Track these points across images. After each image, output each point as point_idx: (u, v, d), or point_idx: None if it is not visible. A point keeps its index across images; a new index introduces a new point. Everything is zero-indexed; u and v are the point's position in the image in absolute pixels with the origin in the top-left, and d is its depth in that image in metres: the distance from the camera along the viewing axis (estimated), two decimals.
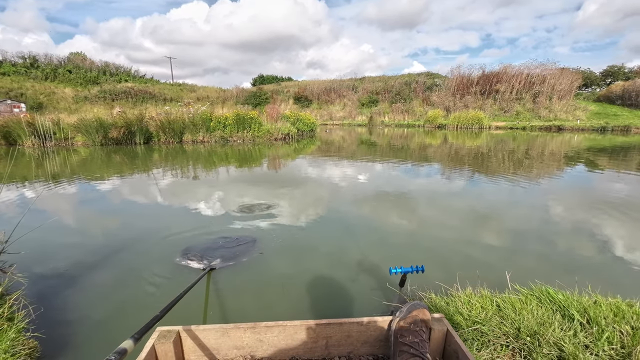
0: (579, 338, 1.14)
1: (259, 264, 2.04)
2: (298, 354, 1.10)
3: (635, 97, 21.17)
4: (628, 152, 8.56)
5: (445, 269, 1.95)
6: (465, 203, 3.44)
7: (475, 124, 19.17)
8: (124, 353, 0.77)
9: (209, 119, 10.67)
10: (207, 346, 1.07)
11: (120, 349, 0.77)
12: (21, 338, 1.26)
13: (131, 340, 0.82)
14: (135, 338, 0.84)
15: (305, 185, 4.38)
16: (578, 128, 17.94)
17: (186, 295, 1.22)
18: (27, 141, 9.40)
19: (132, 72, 35.60)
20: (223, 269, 1.96)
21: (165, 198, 3.61)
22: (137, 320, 1.51)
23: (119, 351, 0.76)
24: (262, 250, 2.22)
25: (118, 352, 0.76)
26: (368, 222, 2.85)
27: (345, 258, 2.12)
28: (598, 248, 2.31)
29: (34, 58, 30.59)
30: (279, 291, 1.74)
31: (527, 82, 22.39)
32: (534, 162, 6.57)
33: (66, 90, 26.98)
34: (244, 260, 2.08)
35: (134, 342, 0.83)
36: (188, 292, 1.31)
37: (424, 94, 26.58)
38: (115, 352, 0.75)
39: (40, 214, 3.10)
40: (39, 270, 1.96)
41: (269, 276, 1.89)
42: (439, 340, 1.08)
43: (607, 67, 30.07)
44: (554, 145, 10.39)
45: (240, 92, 31.89)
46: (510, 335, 1.18)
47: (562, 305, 1.31)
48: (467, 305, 1.35)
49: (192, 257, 2.08)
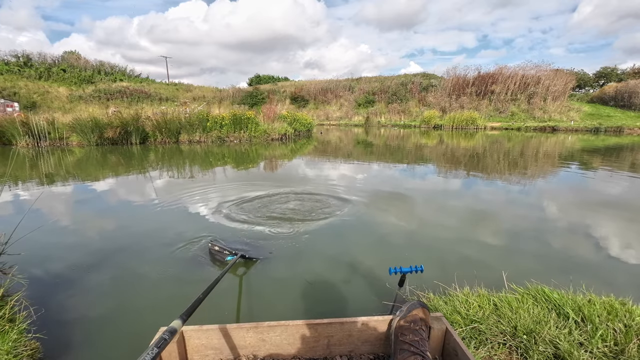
0: (574, 336, 1.17)
1: (269, 263, 2.05)
2: (300, 353, 1.12)
3: (627, 98, 21.46)
4: (621, 152, 8.68)
5: (444, 269, 1.98)
6: (462, 203, 3.48)
7: (471, 124, 19.31)
8: (174, 332, 0.80)
9: (206, 119, 10.65)
10: (210, 346, 1.08)
11: (171, 328, 0.80)
12: (23, 339, 1.27)
13: (179, 320, 0.86)
14: (183, 319, 0.88)
15: (303, 186, 4.39)
16: (572, 129, 18.14)
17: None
18: (21, 141, 9.30)
19: (127, 71, 35.35)
20: (243, 267, 1.99)
21: (163, 199, 3.61)
22: (138, 320, 1.52)
23: (171, 330, 0.79)
24: (272, 250, 2.25)
25: (170, 331, 0.79)
26: (367, 222, 2.88)
27: (345, 259, 2.14)
28: (592, 247, 2.36)
29: (27, 57, 30.26)
30: (281, 291, 1.76)
31: (522, 83, 22.59)
32: (529, 162, 6.64)
33: (60, 90, 26.72)
34: (273, 260, 2.10)
35: (182, 322, 0.86)
36: (221, 280, 1.34)
37: (420, 95, 26.70)
38: (167, 332, 0.78)
39: (39, 215, 3.08)
40: (39, 271, 1.96)
41: (270, 277, 1.91)
42: (438, 339, 1.11)
43: (601, 69, 30.40)
44: (549, 145, 10.50)
45: (236, 91, 31.80)
46: (507, 334, 1.21)
47: (558, 304, 1.34)
48: (465, 305, 1.37)
49: (216, 247, 2.13)
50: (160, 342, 0.74)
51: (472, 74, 24.70)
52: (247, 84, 43.51)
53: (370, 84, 30.83)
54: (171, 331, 0.79)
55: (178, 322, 0.85)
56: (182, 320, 0.87)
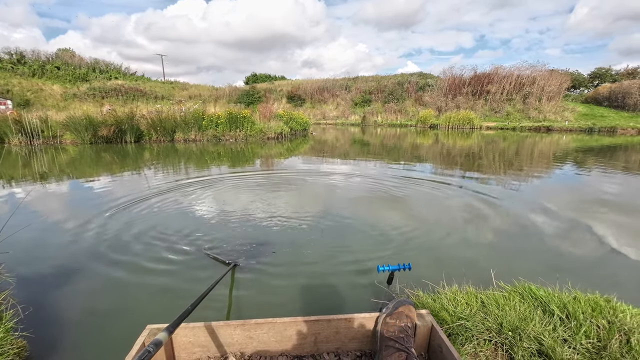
0: (558, 332, 1.19)
1: (261, 262, 2.05)
2: (287, 350, 1.13)
3: (621, 98, 21.63)
4: (614, 152, 8.77)
5: (433, 267, 1.99)
6: (453, 202, 3.50)
7: (467, 124, 19.39)
8: (159, 344, 0.80)
9: (201, 117, 10.60)
10: (198, 343, 1.08)
11: (157, 340, 0.80)
12: (9, 337, 1.26)
13: (165, 333, 0.85)
14: (170, 330, 0.87)
15: (296, 184, 4.40)
16: (566, 129, 18.28)
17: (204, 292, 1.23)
18: (13, 139, 9.20)
19: (122, 69, 35.02)
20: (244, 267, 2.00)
21: (156, 198, 3.59)
22: (127, 320, 1.52)
23: (155, 342, 0.79)
24: (275, 249, 2.25)
25: (155, 343, 0.79)
26: (357, 221, 2.88)
27: (334, 256, 2.15)
28: (579, 246, 2.39)
29: (21, 54, 29.83)
30: (270, 289, 1.76)
31: (517, 83, 22.70)
32: (522, 162, 6.69)
33: (54, 87, 26.42)
34: (262, 259, 2.10)
35: (167, 334, 0.85)
36: (214, 288, 1.33)
37: (417, 94, 26.76)
38: (152, 344, 0.78)
39: (28, 213, 3.05)
40: (27, 270, 1.94)
41: (260, 275, 1.91)
42: (424, 335, 1.12)
43: (595, 69, 30.59)
44: (543, 145, 10.59)
45: (233, 90, 31.63)
46: (493, 330, 1.22)
47: (543, 301, 1.35)
48: (452, 302, 1.38)
49: (216, 253, 2.13)
50: (144, 355, 0.73)
51: (468, 74, 24.79)
52: (244, 82, 43.36)
53: (367, 84, 30.83)
54: (156, 343, 0.79)
55: (164, 335, 0.84)
56: (169, 332, 0.86)
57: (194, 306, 1.05)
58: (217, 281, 1.43)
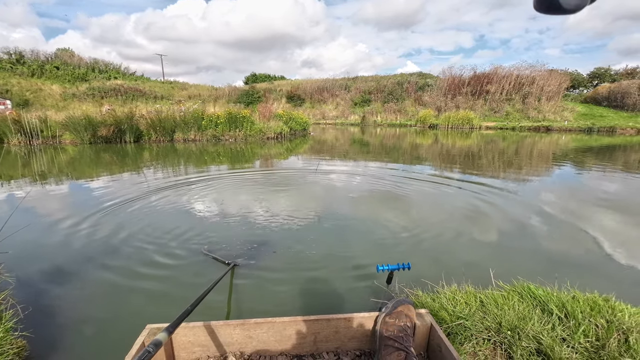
0: (557, 331, 1.19)
1: (261, 262, 2.05)
2: (287, 350, 1.13)
3: (620, 98, 21.65)
4: (613, 152, 8.79)
5: (432, 267, 2.00)
6: (452, 202, 3.50)
7: (466, 124, 19.40)
8: (159, 345, 0.80)
9: (201, 117, 10.60)
10: (198, 343, 1.09)
11: (156, 341, 0.80)
12: (9, 337, 1.26)
13: (165, 333, 0.85)
14: (169, 331, 0.87)
15: (296, 185, 4.40)
16: (566, 129, 18.30)
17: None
18: (12, 139, 9.19)
19: (121, 69, 34.95)
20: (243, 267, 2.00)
21: (155, 197, 3.59)
22: (126, 320, 1.52)
23: (155, 343, 0.79)
24: (275, 249, 2.25)
25: (154, 343, 0.79)
26: (356, 220, 2.89)
27: (334, 256, 2.16)
28: (578, 245, 2.39)
29: (20, 54, 29.77)
30: (270, 288, 1.76)
31: (516, 83, 22.71)
32: (521, 161, 6.70)
33: (53, 87, 26.38)
34: (262, 259, 2.10)
35: (167, 334, 0.85)
36: (213, 288, 1.33)
37: (416, 94, 26.76)
38: (151, 344, 0.78)
39: (28, 213, 3.05)
40: (27, 270, 1.94)
41: (260, 274, 1.91)
42: (423, 335, 1.12)
43: (594, 69, 30.61)
44: (542, 145, 10.60)
45: (232, 90, 31.60)
46: (492, 330, 1.22)
47: (542, 301, 1.36)
48: (451, 301, 1.39)
49: (216, 254, 2.13)
50: (144, 355, 0.73)
51: (468, 73, 24.80)
52: (244, 82, 43.32)
53: (367, 84, 30.83)
54: (156, 343, 0.79)
55: (164, 335, 0.84)
56: (168, 333, 0.86)
57: (193, 306, 1.05)
58: (216, 281, 1.43)
